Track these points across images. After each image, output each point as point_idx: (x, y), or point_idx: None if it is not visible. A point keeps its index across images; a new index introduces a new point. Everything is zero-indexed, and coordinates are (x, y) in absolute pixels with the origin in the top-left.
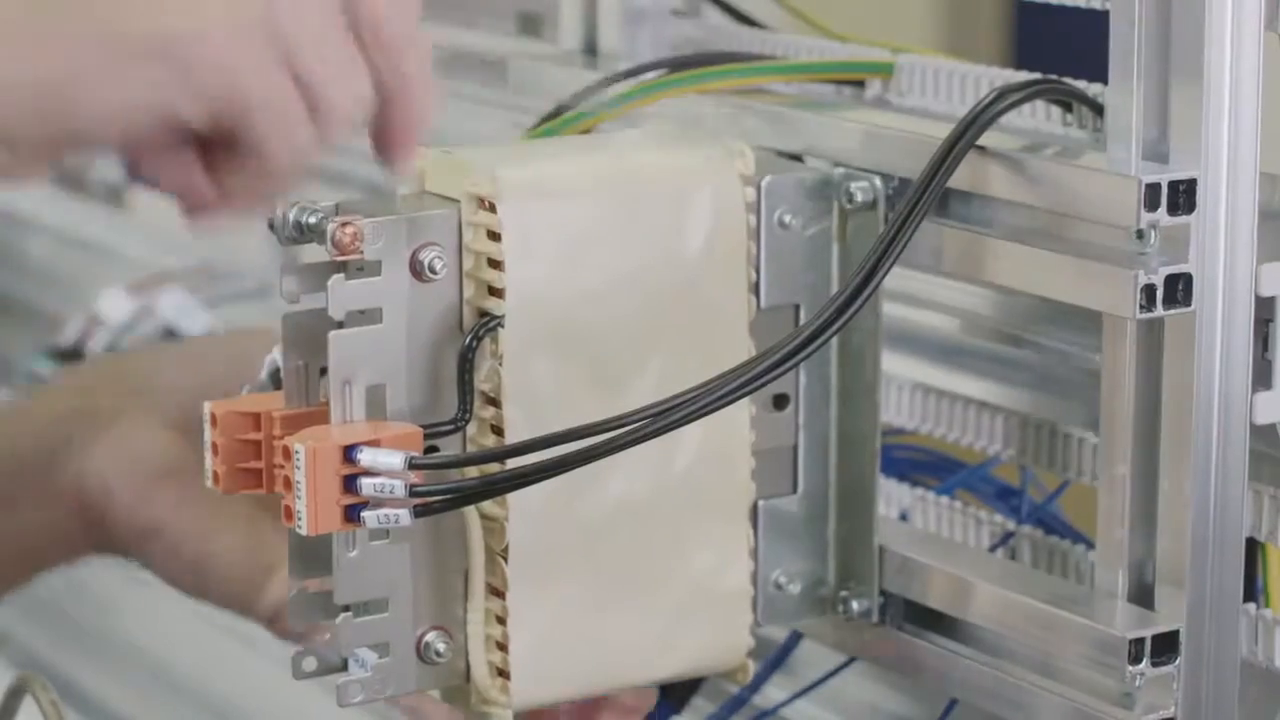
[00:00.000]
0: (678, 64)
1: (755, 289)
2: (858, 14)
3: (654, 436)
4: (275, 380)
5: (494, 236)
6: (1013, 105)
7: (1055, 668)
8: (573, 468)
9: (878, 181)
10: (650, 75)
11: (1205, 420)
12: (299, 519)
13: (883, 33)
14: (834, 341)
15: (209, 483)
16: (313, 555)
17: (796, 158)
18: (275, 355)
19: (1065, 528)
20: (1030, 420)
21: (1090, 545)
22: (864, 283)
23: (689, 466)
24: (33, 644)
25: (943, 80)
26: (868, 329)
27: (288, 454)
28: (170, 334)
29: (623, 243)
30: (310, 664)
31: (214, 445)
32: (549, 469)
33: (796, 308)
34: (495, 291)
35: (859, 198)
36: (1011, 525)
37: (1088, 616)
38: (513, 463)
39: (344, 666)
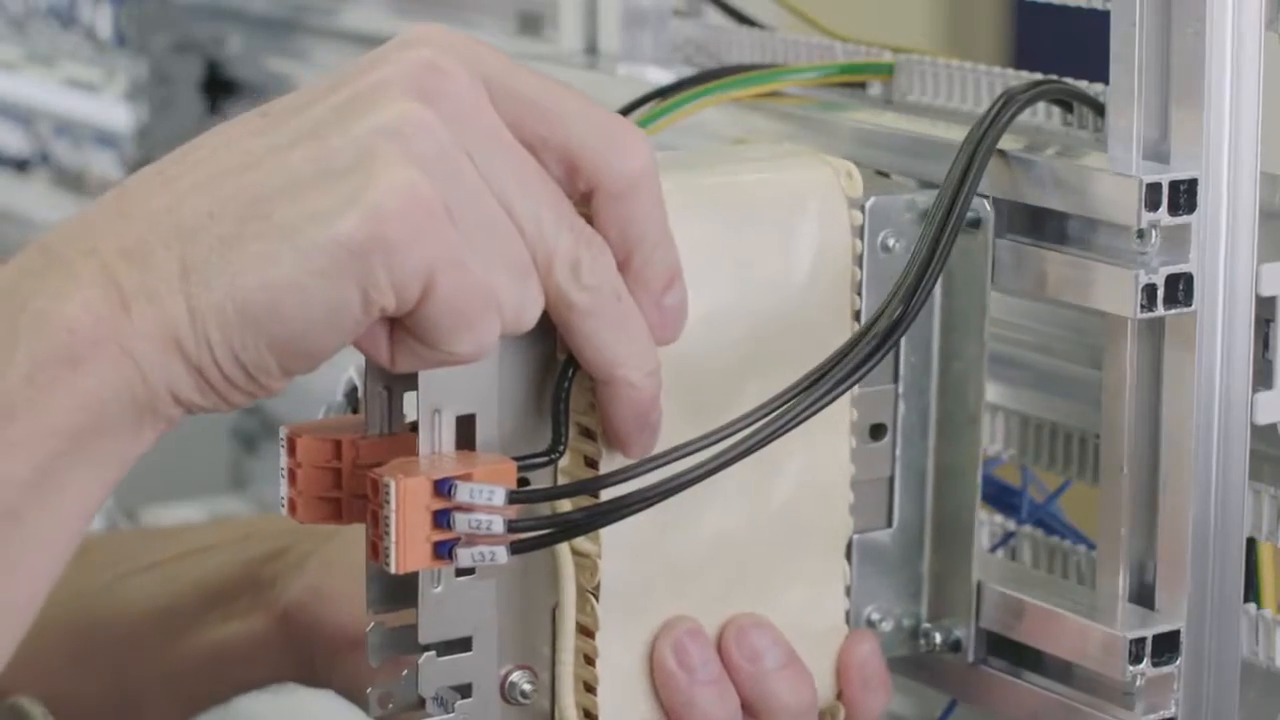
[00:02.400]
0: (669, 90)
1: (856, 315)
2: (858, 14)
3: (758, 449)
4: (352, 400)
5: None
6: (1022, 108)
7: (1055, 667)
8: (676, 492)
9: (987, 203)
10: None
11: (1205, 420)
12: (387, 557)
13: (883, 33)
14: (934, 370)
15: (284, 510)
16: (393, 589)
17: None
18: (352, 374)
19: (1065, 528)
20: (1030, 420)
21: (1090, 545)
22: (918, 278)
23: (786, 500)
24: None
25: (943, 80)
26: (971, 356)
27: (375, 488)
28: None
29: (726, 267)
30: (387, 703)
31: (291, 473)
32: (652, 495)
33: None
34: None
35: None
36: (1011, 525)
37: (1088, 616)
38: (608, 493)
39: (421, 705)
